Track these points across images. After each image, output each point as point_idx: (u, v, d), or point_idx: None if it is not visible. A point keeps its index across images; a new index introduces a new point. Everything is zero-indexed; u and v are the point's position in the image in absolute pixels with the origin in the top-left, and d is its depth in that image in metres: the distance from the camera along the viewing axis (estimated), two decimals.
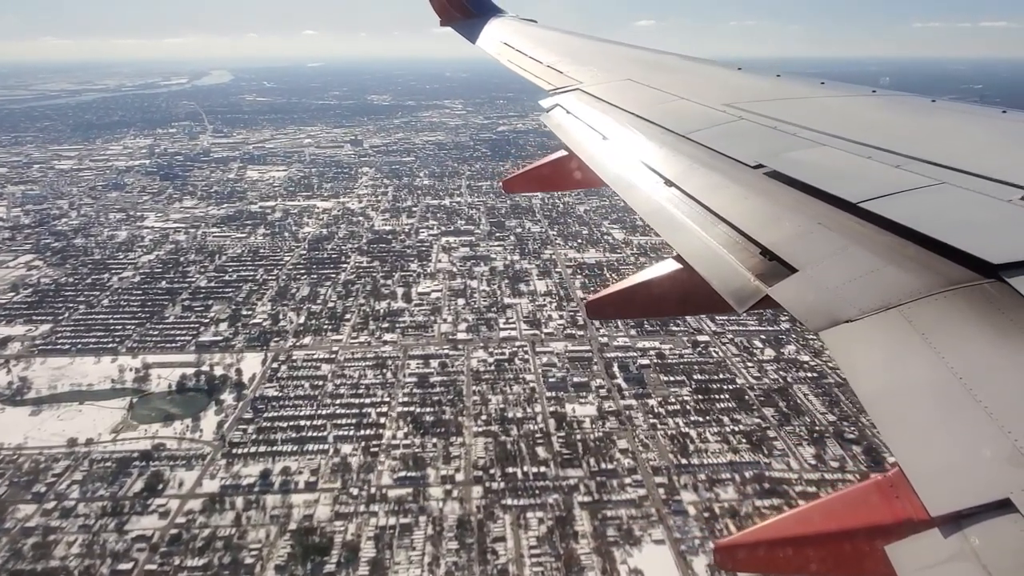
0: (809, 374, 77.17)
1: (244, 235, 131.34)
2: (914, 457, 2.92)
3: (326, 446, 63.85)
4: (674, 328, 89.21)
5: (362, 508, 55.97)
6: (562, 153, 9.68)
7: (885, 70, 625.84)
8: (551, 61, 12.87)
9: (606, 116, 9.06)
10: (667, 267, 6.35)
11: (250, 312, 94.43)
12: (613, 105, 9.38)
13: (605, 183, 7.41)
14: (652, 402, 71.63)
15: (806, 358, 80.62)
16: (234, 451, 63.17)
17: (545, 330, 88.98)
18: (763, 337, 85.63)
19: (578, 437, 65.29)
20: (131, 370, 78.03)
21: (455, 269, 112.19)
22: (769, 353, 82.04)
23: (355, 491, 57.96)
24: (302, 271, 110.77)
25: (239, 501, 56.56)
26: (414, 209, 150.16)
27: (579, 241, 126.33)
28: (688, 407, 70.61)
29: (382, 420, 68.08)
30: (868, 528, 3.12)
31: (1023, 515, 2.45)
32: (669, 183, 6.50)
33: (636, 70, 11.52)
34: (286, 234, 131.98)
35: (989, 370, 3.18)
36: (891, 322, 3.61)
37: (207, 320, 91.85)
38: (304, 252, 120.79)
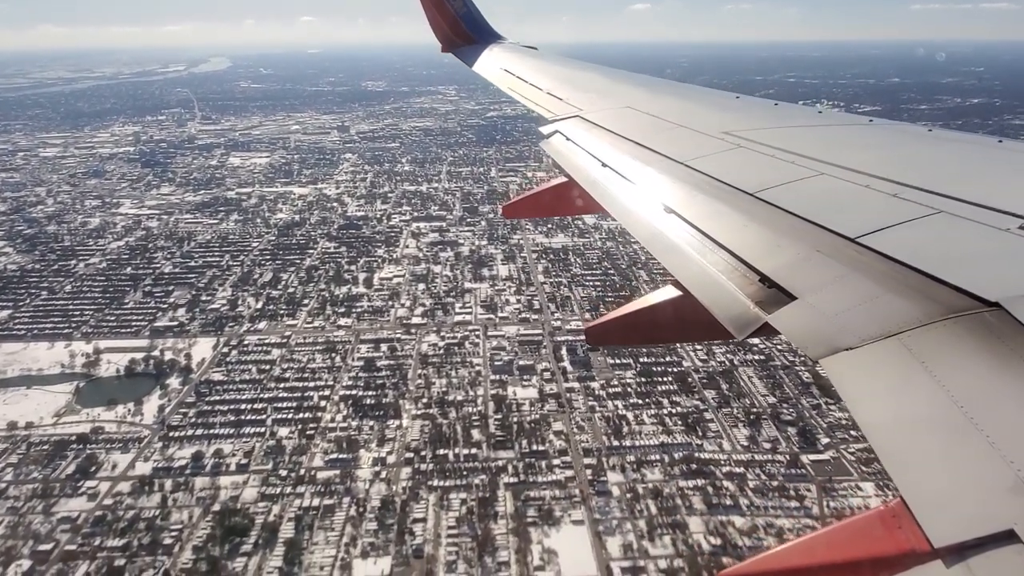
0: (757, 357, 77.17)
1: (216, 221, 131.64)
2: (916, 487, 2.91)
3: (263, 429, 64.31)
4: None
5: (288, 490, 56.40)
6: (562, 179, 9.77)
7: (886, 54, 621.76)
8: (551, 88, 13.01)
9: (606, 143, 9.16)
10: (666, 294, 6.40)
11: (210, 298, 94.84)
12: (613, 132, 9.48)
13: (604, 209, 7.49)
14: (595, 385, 71.76)
15: (756, 341, 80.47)
16: (171, 434, 63.69)
17: (500, 314, 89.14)
18: None
19: (515, 419, 65.51)
20: (82, 355, 78.49)
21: (421, 254, 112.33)
22: None
23: (284, 473, 58.38)
24: (268, 257, 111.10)
25: (168, 483, 57.08)
26: (390, 195, 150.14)
27: (549, 226, 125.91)
28: (630, 390, 70.76)
29: (323, 403, 68.45)
30: (871, 559, 3.06)
31: None
32: (668, 210, 6.56)
33: (635, 98, 11.66)
34: (258, 220, 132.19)
35: (991, 399, 3.15)
36: (891, 350, 3.60)
37: (166, 306, 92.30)
38: (273, 238, 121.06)
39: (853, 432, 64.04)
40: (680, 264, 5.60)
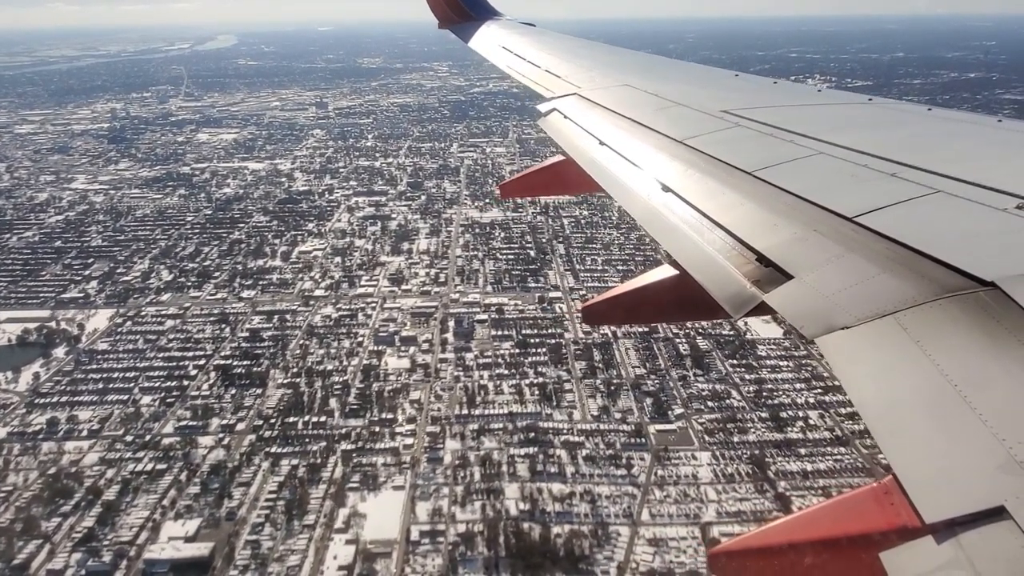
0: (641, 329, 76.99)
1: (161, 196, 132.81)
2: (909, 464, 2.95)
3: (127, 396, 65.44)
4: (531, 284, 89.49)
5: (128, 455, 57.53)
6: (559, 158, 9.74)
7: (903, 28, 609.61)
8: (548, 65, 12.96)
9: (603, 121, 9.14)
10: (663, 273, 6.40)
11: (126, 270, 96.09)
12: (611, 110, 9.47)
13: (602, 188, 7.43)
14: (469, 356, 72.19)
15: None
16: (37, 401, 65.04)
17: (404, 287, 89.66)
18: None
19: (376, 389, 66.16)
20: None
21: (349, 228, 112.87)
22: None
23: (131, 439, 59.53)
24: (197, 231, 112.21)
25: (16, 447, 58.42)
26: (342, 170, 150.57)
27: (486, 201, 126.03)
28: (502, 360, 71.07)
29: (194, 372, 69.47)
30: (863, 535, 3.09)
31: (1017, 522, 2.46)
32: (666, 189, 6.55)
33: (634, 75, 11.61)
34: (202, 195, 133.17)
35: (984, 378, 3.18)
36: (887, 329, 3.62)
37: (80, 278, 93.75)
38: (210, 212, 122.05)
39: (710, 403, 64.25)
40: (677, 243, 5.62)
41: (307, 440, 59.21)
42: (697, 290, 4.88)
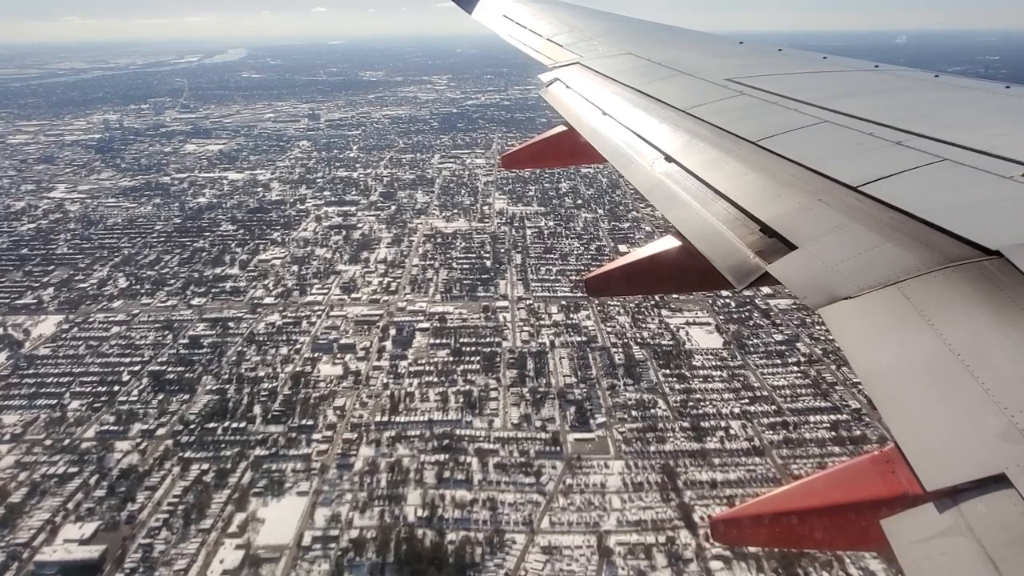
0: (579, 338, 76.98)
1: (135, 205, 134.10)
2: (910, 433, 2.97)
3: (55, 401, 65.93)
4: (480, 294, 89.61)
5: (45, 458, 57.91)
6: (561, 128, 9.68)
7: (911, 43, 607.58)
8: (551, 34, 12.85)
9: (606, 91, 9.09)
10: (666, 244, 6.36)
11: (84, 277, 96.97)
12: (613, 79, 9.41)
13: (604, 158, 7.43)
14: (403, 363, 72.32)
15: (589, 324, 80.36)
16: None
17: (353, 295, 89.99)
18: (563, 303, 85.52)
19: (303, 395, 66.35)
20: None
21: (312, 237, 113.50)
22: (557, 318, 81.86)
23: (50, 443, 59.94)
24: (163, 239, 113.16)
25: None
26: (319, 180, 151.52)
27: (455, 211, 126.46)
28: (433, 368, 71.13)
29: (127, 378, 69.92)
30: (864, 503, 3.13)
31: (1017, 490, 2.48)
32: (669, 159, 6.54)
33: (637, 44, 11.50)
34: (176, 204, 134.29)
35: (987, 347, 3.17)
36: (890, 299, 3.62)
37: (38, 284, 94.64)
38: (179, 221, 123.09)
39: (634, 412, 63.95)
40: (680, 214, 5.62)
41: (222, 445, 59.37)
42: (701, 261, 4.91)
